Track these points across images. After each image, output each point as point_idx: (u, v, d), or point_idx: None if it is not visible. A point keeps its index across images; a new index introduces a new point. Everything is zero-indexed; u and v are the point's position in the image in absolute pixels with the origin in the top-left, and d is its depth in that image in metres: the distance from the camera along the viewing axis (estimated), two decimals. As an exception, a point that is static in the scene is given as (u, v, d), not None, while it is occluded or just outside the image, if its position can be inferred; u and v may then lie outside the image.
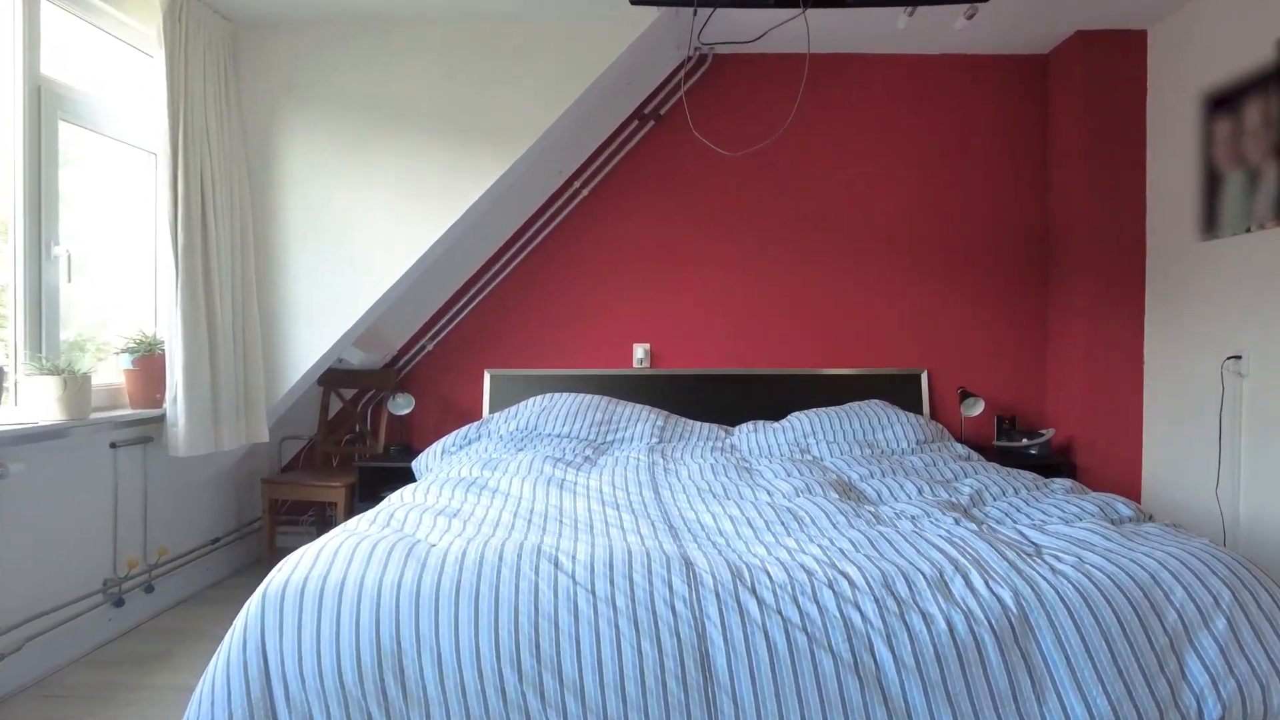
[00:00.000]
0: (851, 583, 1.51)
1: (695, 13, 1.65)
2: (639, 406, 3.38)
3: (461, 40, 3.05)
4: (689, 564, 1.56)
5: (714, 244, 3.70)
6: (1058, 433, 3.61)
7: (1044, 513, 1.97)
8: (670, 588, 1.50)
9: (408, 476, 3.35)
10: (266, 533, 3.27)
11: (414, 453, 3.49)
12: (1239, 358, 2.92)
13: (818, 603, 1.48)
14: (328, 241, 3.04)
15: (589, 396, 3.37)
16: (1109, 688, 1.39)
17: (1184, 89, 3.18)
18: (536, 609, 1.46)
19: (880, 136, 3.70)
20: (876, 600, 1.48)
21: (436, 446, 3.13)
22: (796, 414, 3.36)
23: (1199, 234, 3.11)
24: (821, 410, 3.34)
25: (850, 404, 3.45)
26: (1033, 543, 1.70)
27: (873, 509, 2.00)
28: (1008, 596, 1.47)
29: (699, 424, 3.38)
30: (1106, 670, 1.40)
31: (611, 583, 1.50)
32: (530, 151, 3.08)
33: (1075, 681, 1.40)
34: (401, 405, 3.44)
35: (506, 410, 3.32)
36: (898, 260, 3.71)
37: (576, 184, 3.65)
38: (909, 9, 2.70)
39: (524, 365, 3.71)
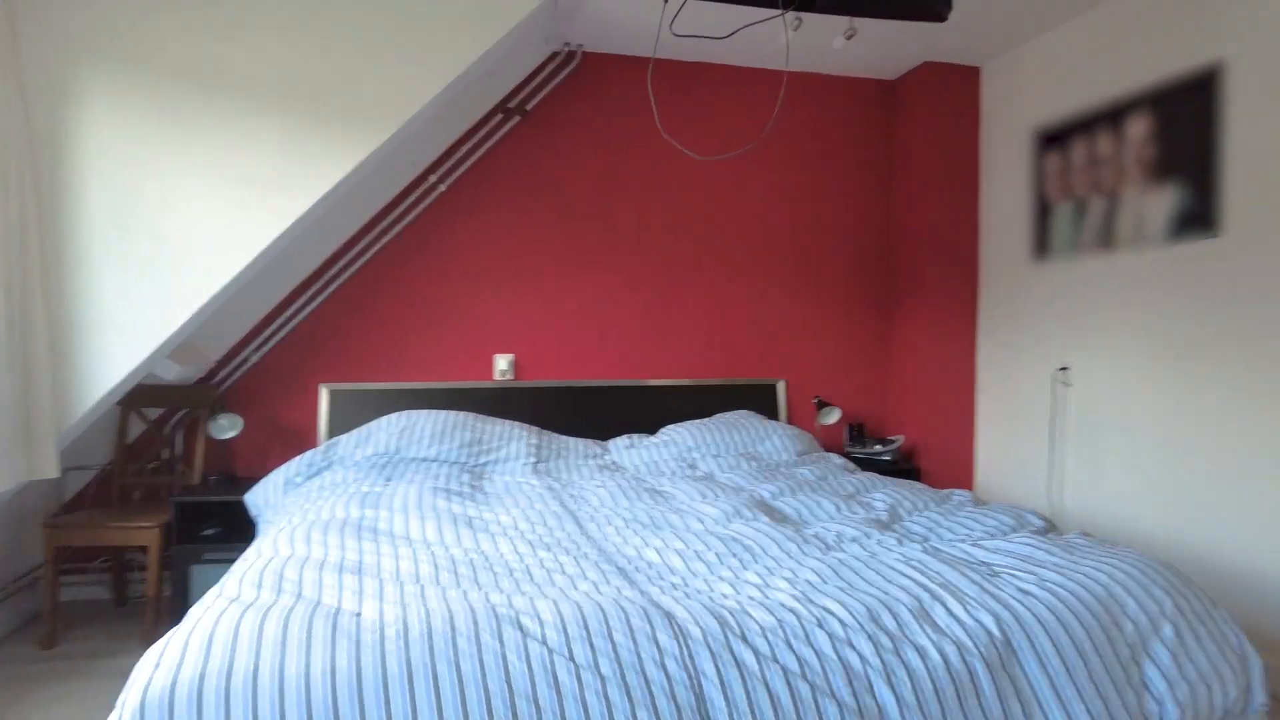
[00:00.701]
0: (841, 621, 1.43)
1: (666, 2, 1.48)
2: (509, 423, 3.13)
3: (323, 8, 2.63)
4: (670, 616, 1.39)
5: (581, 250, 3.53)
6: (897, 434, 3.83)
7: (965, 527, 2.01)
8: (658, 645, 1.32)
9: (238, 512, 2.86)
10: (48, 586, 2.63)
11: (239, 482, 2.99)
12: (1067, 369, 3.23)
13: (813, 646, 1.38)
14: (140, 235, 2.49)
15: (453, 414, 3.06)
16: (1089, 704, 1.41)
17: (1018, 124, 3.48)
18: (510, 687, 1.22)
19: (746, 153, 3.72)
20: (870, 637, 1.40)
21: (276, 477, 2.69)
22: (671, 427, 3.28)
23: (1031, 257, 3.42)
24: (696, 423, 3.29)
25: (720, 415, 3.43)
26: (983, 561, 1.72)
27: (813, 533, 1.94)
28: (989, 622, 1.45)
29: (573, 440, 3.19)
30: (1085, 687, 1.42)
31: (591, 646, 1.30)
32: (394, 138, 2.73)
33: (1060, 701, 1.40)
34: (225, 427, 2.92)
35: (356, 432, 2.93)
36: (757, 272, 3.75)
37: (433, 178, 3.32)
38: (797, 21, 2.70)
39: (369, 379, 3.32)
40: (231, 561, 2.77)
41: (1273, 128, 2.43)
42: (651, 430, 3.52)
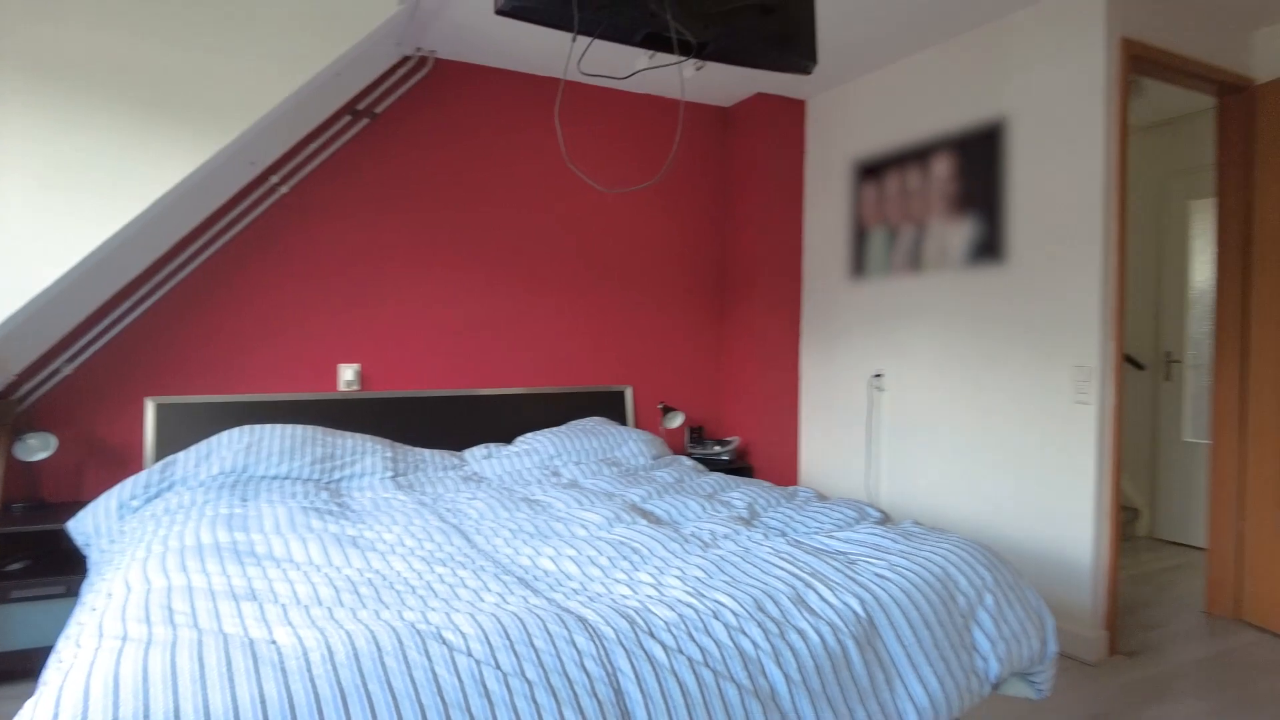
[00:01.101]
0: (733, 611, 1.58)
1: (574, 39, 1.57)
2: (360, 436, 3.05)
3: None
4: (582, 620, 1.48)
5: (432, 259, 3.49)
6: (733, 435, 4.13)
7: (816, 520, 2.26)
8: (576, 647, 1.41)
9: (52, 543, 2.57)
10: None
11: (50, 509, 2.69)
12: (881, 375, 3.65)
13: (712, 636, 1.52)
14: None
15: (301, 428, 2.94)
16: (934, 666, 1.67)
17: (839, 155, 3.88)
18: (443, 700, 1.26)
19: (592, 164, 3.84)
20: (759, 625, 1.57)
21: (107, 501, 2.45)
22: (529, 435, 3.34)
23: (849, 275, 3.82)
24: (554, 431, 3.37)
25: (575, 422, 3.53)
26: (840, 551, 1.95)
27: (689, 532, 2.09)
28: (855, 604, 1.67)
29: (428, 451, 3.16)
30: (931, 652, 1.68)
31: (515, 653, 1.36)
32: (241, 137, 2.58)
33: (913, 666, 1.65)
34: (35, 448, 2.62)
35: (195, 449, 2.73)
36: (605, 284, 3.90)
37: (274, 179, 3.15)
38: (650, 54, 2.87)
39: (201, 391, 3.09)
40: (48, 599, 2.50)
41: (1043, 174, 2.92)
42: (506, 439, 3.56)
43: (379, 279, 3.39)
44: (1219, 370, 3.29)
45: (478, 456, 3.18)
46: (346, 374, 3.33)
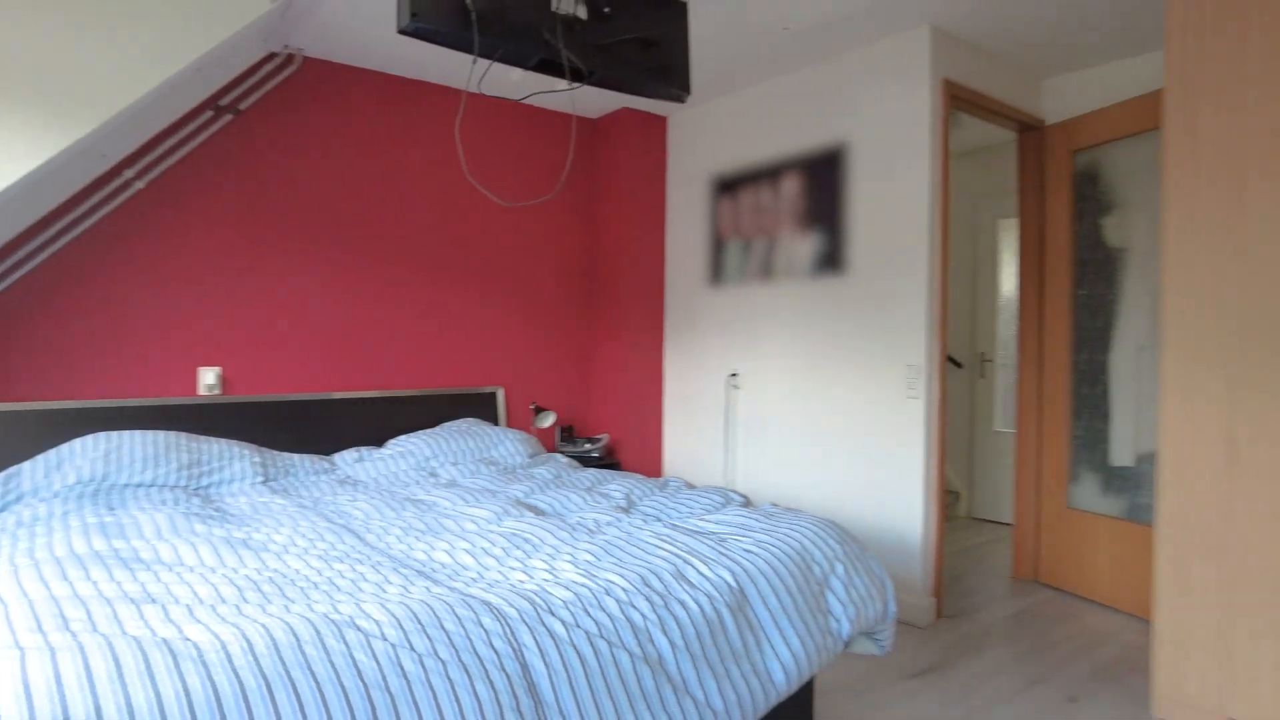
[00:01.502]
0: (622, 588, 1.75)
1: (475, 61, 1.68)
2: (225, 442, 2.97)
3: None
4: (486, 603, 1.59)
5: (299, 260, 3.43)
6: (602, 433, 4.31)
7: (687, 506, 2.47)
8: (483, 628, 1.53)
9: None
10: None
11: None
12: (737, 374, 3.94)
13: (605, 611, 1.68)
14: None
15: (162, 434, 2.83)
16: (796, 628, 1.90)
17: (698, 171, 4.14)
18: (363, 681, 1.35)
19: (459, 169, 3.90)
20: (646, 598, 1.74)
21: (-55, 516, 2.28)
22: (403, 438, 3.36)
23: (708, 282, 4.09)
24: (428, 433, 3.41)
25: (448, 424, 3.58)
26: (711, 532, 2.16)
27: (575, 521, 2.24)
28: (728, 576, 1.88)
29: (297, 456, 3.12)
30: (793, 616, 1.91)
31: (427, 636, 1.46)
32: (99, 130, 2.47)
33: (778, 629, 1.88)
34: None
35: (43, 459, 2.58)
36: (475, 286, 3.96)
37: (129, 173, 3.01)
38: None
39: (42, 397, 2.90)
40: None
41: (879, 195, 3.29)
42: (377, 442, 3.56)
43: (243, 279, 3.30)
44: (1022, 368, 3.82)
45: (349, 460, 3.18)
46: (207, 377, 3.22)
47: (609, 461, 4.11)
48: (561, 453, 4.07)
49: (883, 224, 3.29)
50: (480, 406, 3.95)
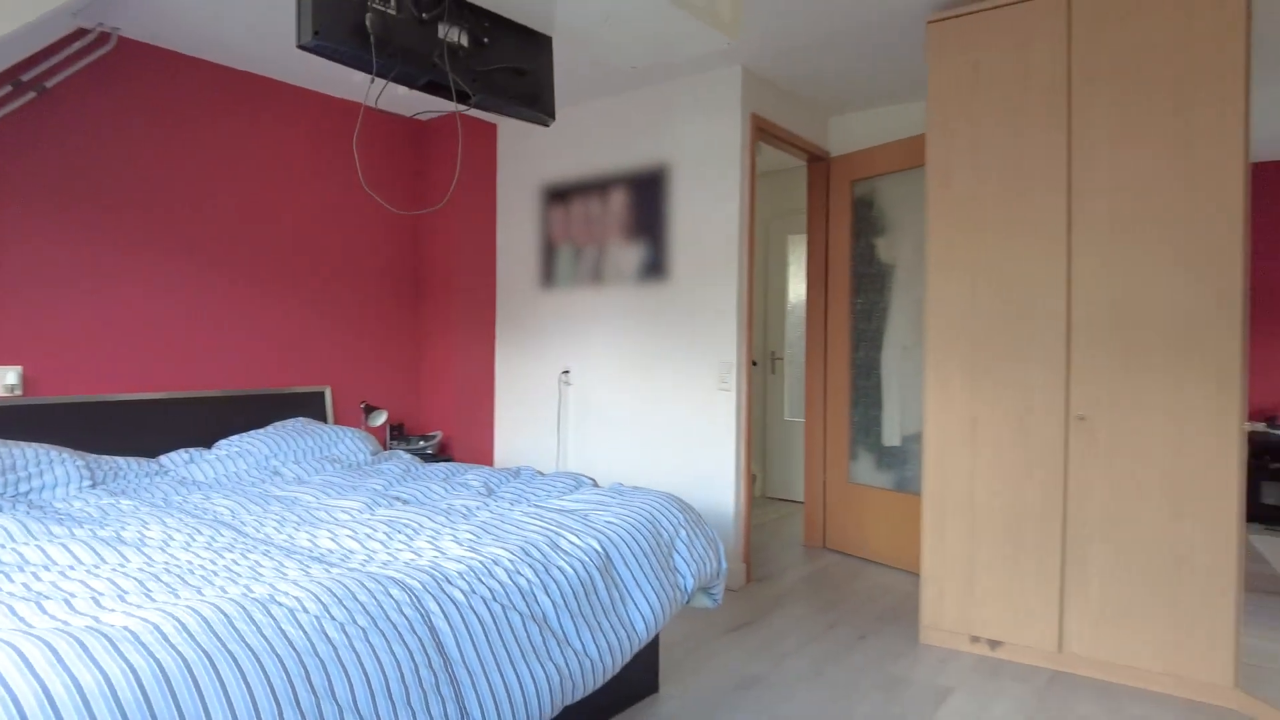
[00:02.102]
0: (508, 559, 1.97)
1: (372, 80, 1.82)
2: (38, 446, 2.78)
3: None
4: (390, 578, 1.75)
5: (115, 250, 3.25)
6: (435, 430, 4.41)
7: (545, 490, 2.71)
8: (393, 598, 1.69)
9: None
10: None
11: None
12: (568, 371, 4.22)
13: (495, 579, 1.89)
14: None
15: (-36, 439, 2.60)
16: (653, 584, 2.22)
17: (529, 178, 4.37)
18: (295, 649, 1.47)
19: (290, 167, 3.85)
20: (530, 566, 1.98)
21: None
22: (234, 438, 3.29)
23: (540, 285, 4.33)
24: (259, 433, 3.36)
25: (278, 424, 3.54)
26: (573, 510, 2.42)
27: (445, 506, 2.40)
28: (595, 544, 2.16)
29: (122, 459, 2.97)
30: (650, 576, 2.23)
31: (345, 607, 1.61)
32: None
33: (638, 585, 2.18)
34: None
35: None
36: (300, 284, 3.92)
37: (-87, 156, 2.71)
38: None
39: None
40: None
41: (697, 211, 3.71)
42: (202, 443, 3.44)
43: (47, 271, 3.07)
44: (810, 364, 4.43)
45: (179, 461, 3.07)
46: (7, 377, 2.97)
47: (443, 458, 4.22)
48: (396, 449, 4.11)
49: (700, 237, 3.72)
50: (308, 406, 3.91)
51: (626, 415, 3.98)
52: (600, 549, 2.15)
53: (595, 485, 2.83)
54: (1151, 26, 2.56)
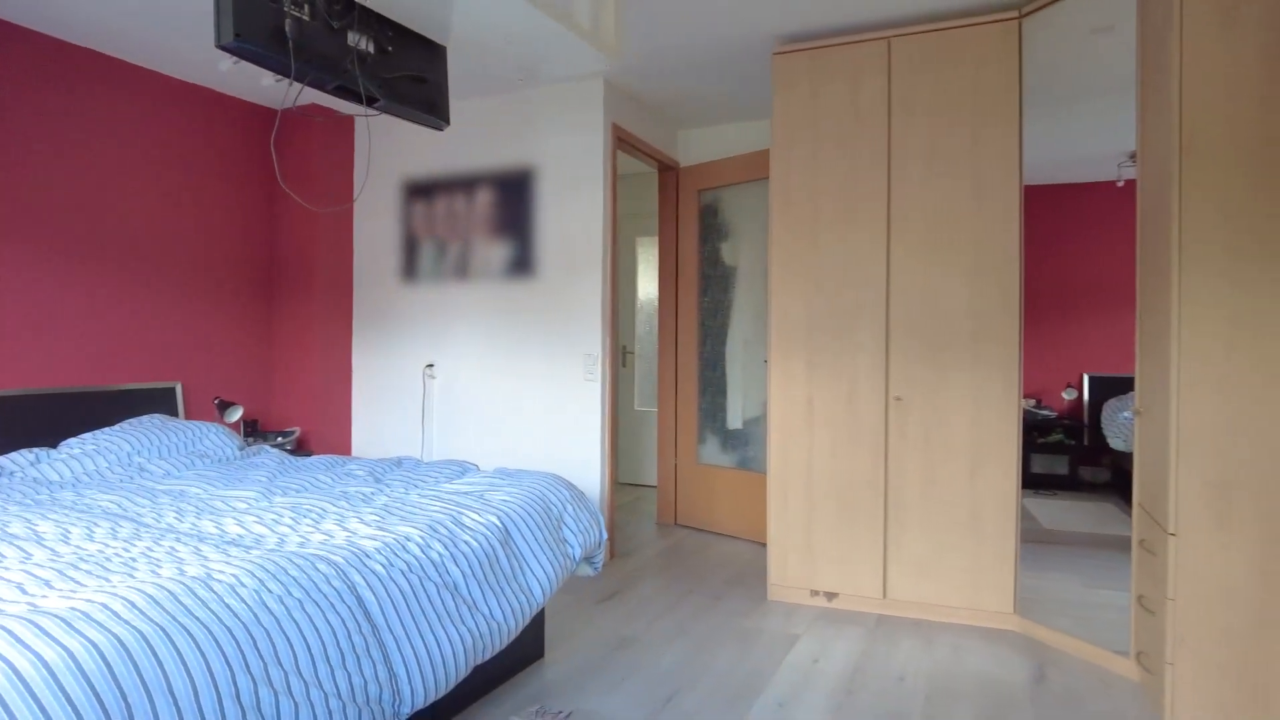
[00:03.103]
0: (420, 536, 2.12)
1: (291, 83, 1.90)
2: None
3: None
4: (315, 554, 1.86)
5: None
6: (292, 426, 4.34)
7: (434, 476, 2.84)
8: (320, 572, 1.81)
9: None
10: None
11: None
12: (433, 365, 4.31)
13: (410, 554, 2.04)
14: None
15: None
16: (548, 553, 2.43)
17: (390, 173, 4.40)
18: (240, 620, 1.57)
19: (137, 154, 3.67)
20: (440, 541, 2.14)
21: None
22: (85, 436, 3.13)
23: (402, 280, 4.38)
24: (115, 430, 3.21)
25: (131, 421, 3.39)
26: (469, 491, 2.58)
27: (341, 491, 2.48)
28: (494, 520, 2.34)
29: (-44, 461, 2.77)
30: (545, 545, 2.44)
31: (280, 581, 1.71)
32: None
33: (535, 557, 2.39)
34: None
35: None
36: (146, 276, 3.75)
37: None
38: (235, 60, 3.03)
39: None
40: None
41: (563, 212, 3.94)
42: (43, 443, 3.23)
43: None
44: (662, 357, 4.78)
45: (25, 462, 2.90)
46: None
47: (303, 453, 4.17)
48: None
49: (566, 237, 3.95)
50: (158, 403, 3.75)
51: (495, 407, 4.14)
52: (500, 524, 2.33)
53: (480, 470, 2.99)
54: (952, 71, 3.09)
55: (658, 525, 4.76)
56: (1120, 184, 2.73)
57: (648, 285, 5.96)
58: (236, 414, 3.97)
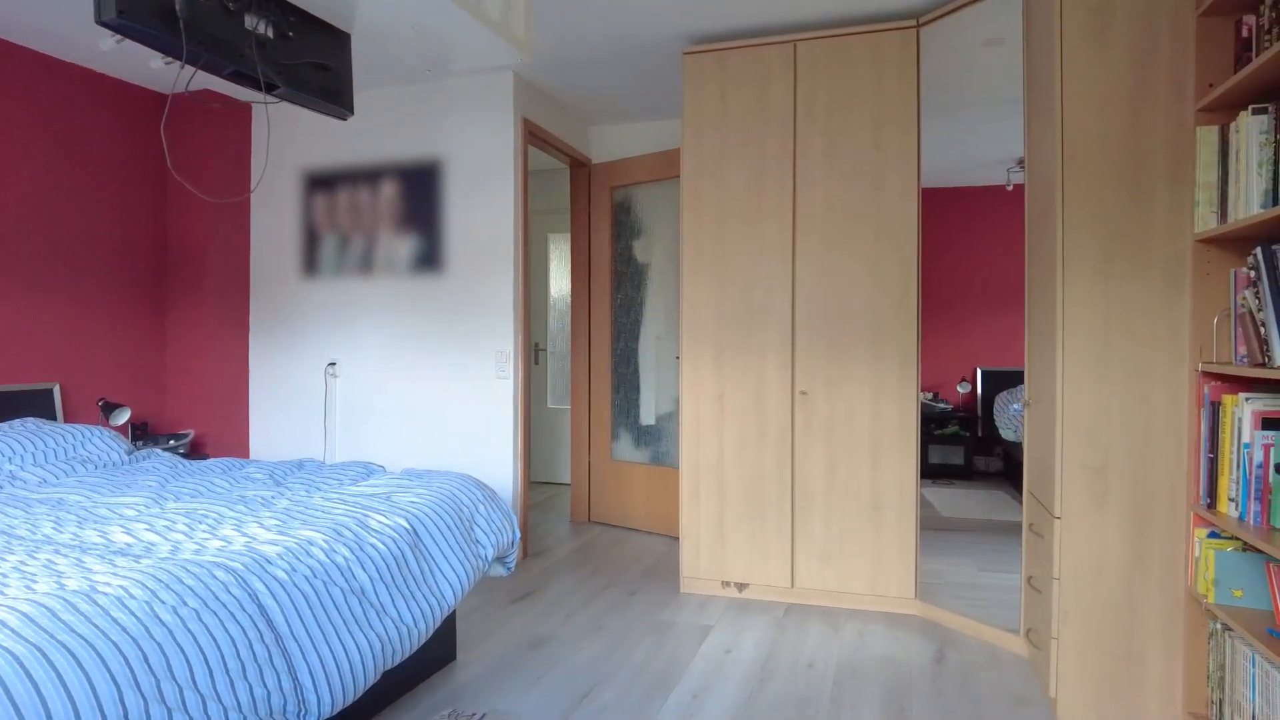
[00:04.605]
0: (323, 540, 2.04)
1: (183, 66, 1.80)
2: None
3: None
4: (212, 562, 1.77)
5: None
6: (185, 429, 4.12)
7: (339, 479, 2.74)
8: (218, 579, 1.72)
9: None
10: None
11: None
12: (335, 363, 4.16)
13: (313, 558, 1.97)
14: None
15: None
16: (458, 554, 2.39)
17: (289, 163, 4.22)
18: (129, 635, 1.48)
19: (5, 140, 3.40)
20: (345, 545, 2.07)
21: None
22: (-52, 442, 2.88)
23: (302, 275, 4.21)
24: (-19, 435, 2.97)
25: (4, 424, 3.14)
26: (375, 493, 2.51)
27: (239, 496, 2.37)
28: (403, 522, 2.29)
29: None
30: (455, 547, 2.40)
31: (173, 591, 1.62)
32: None
33: (445, 559, 2.34)
34: None
35: None
36: (23, 268, 3.49)
37: None
38: (117, 39, 2.83)
39: None
40: None
41: (472, 206, 3.87)
42: (-102, 451, 2.96)
43: None
44: (575, 354, 4.77)
45: (-125, 473, 2.65)
46: None
47: (198, 457, 3.96)
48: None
49: (475, 231, 3.88)
50: (33, 406, 3.48)
51: (402, 406, 4.03)
52: (409, 526, 2.28)
53: (387, 472, 2.91)
54: (854, 75, 3.20)
55: (572, 523, 4.75)
56: (1010, 188, 2.89)
57: (560, 282, 5.93)
58: (124, 416, 3.74)
